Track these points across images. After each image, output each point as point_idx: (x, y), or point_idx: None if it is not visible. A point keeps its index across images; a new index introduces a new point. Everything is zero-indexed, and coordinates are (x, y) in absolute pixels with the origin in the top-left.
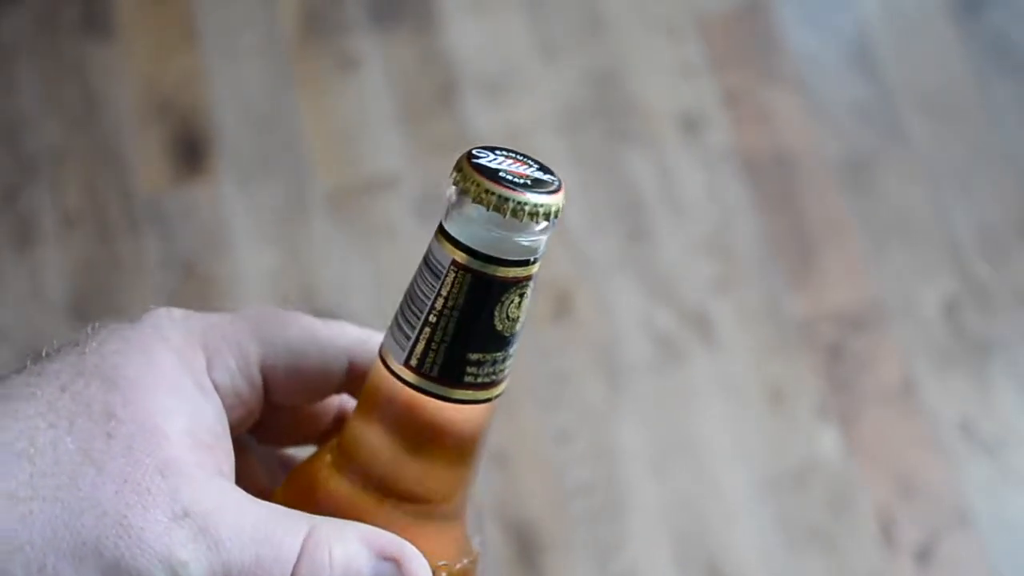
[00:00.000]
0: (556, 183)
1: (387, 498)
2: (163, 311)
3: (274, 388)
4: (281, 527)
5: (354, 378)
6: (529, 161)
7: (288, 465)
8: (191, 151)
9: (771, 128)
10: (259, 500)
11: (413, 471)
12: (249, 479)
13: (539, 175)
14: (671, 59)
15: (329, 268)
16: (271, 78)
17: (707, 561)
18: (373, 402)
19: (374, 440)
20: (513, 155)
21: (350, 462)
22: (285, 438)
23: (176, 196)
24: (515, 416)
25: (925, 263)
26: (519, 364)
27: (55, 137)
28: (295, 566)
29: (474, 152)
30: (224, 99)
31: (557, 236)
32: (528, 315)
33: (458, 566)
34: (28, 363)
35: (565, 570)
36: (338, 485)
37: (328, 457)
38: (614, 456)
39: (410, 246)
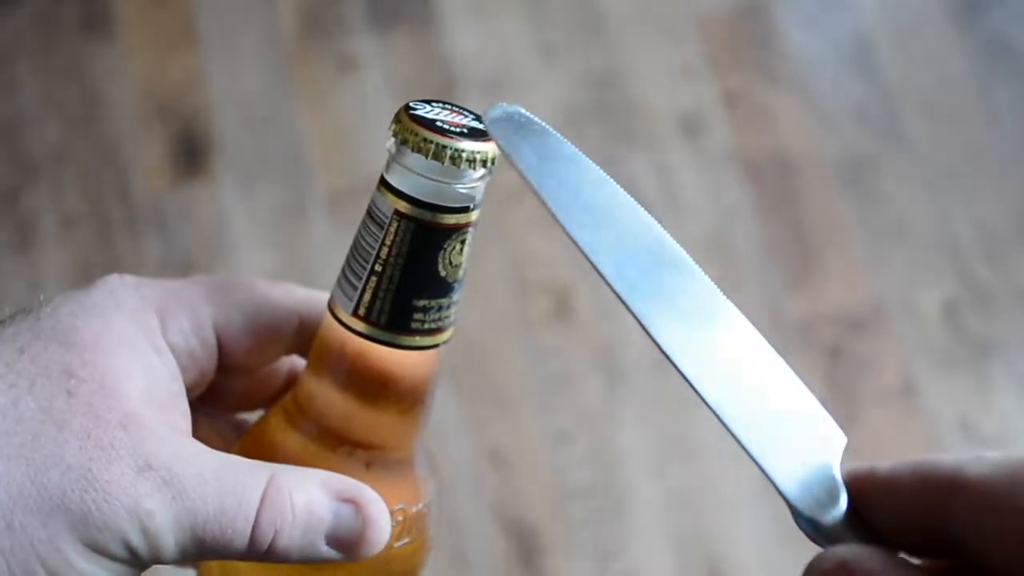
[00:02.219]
0: None
1: (341, 446)
2: (116, 277)
3: (227, 349)
4: (243, 476)
5: (305, 337)
6: (465, 112)
7: (241, 431)
8: (191, 152)
9: (771, 129)
10: (217, 452)
11: (365, 419)
12: (203, 443)
13: (475, 124)
14: (671, 60)
15: (328, 268)
16: (271, 79)
17: (707, 561)
18: (324, 354)
19: (326, 391)
20: (450, 107)
21: (304, 414)
22: (237, 403)
23: (176, 197)
24: (515, 417)
25: (925, 264)
26: (518, 364)
27: (55, 138)
28: (258, 513)
29: (411, 104)
30: (224, 100)
31: (557, 237)
32: (469, 261)
33: (414, 509)
34: None
35: (565, 571)
36: (293, 437)
37: (282, 412)
38: (614, 457)
39: None
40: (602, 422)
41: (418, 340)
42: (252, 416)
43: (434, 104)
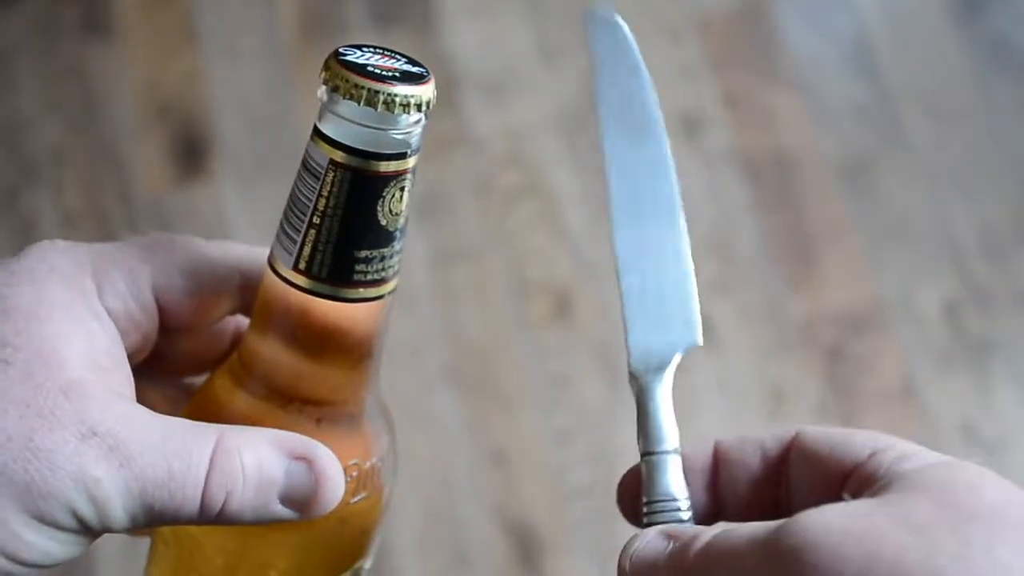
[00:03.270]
0: (425, 74)
1: (290, 403)
2: (47, 242)
3: (168, 311)
4: (190, 438)
5: (247, 295)
6: (396, 56)
7: (189, 395)
8: (191, 152)
9: (771, 129)
10: (162, 416)
11: (313, 374)
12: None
13: (408, 67)
14: (671, 60)
15: None
16: (271, 79)
17: None
18: (267, 311)
19: (272, 348)
20: (380, 51)
21: (250, 373)
22: (184, 366)
23: (176, 197)
24: (515, 417)
25: (925, 264)
26: (518, 364)
27: (55, 138)
28: (207, 476)
29: (341, 50)
30: (224, 100)
31: (557, 236)
32: (409, 210)
33: (368, 464)
34: None
35: (565, 571)
36: (241, 397)
37: (228, 373)
38: (614, 457)
39: (410, 245)
40: (602, 422)
41: (361, 292)
42: (200, 380)
43: (365, 49)
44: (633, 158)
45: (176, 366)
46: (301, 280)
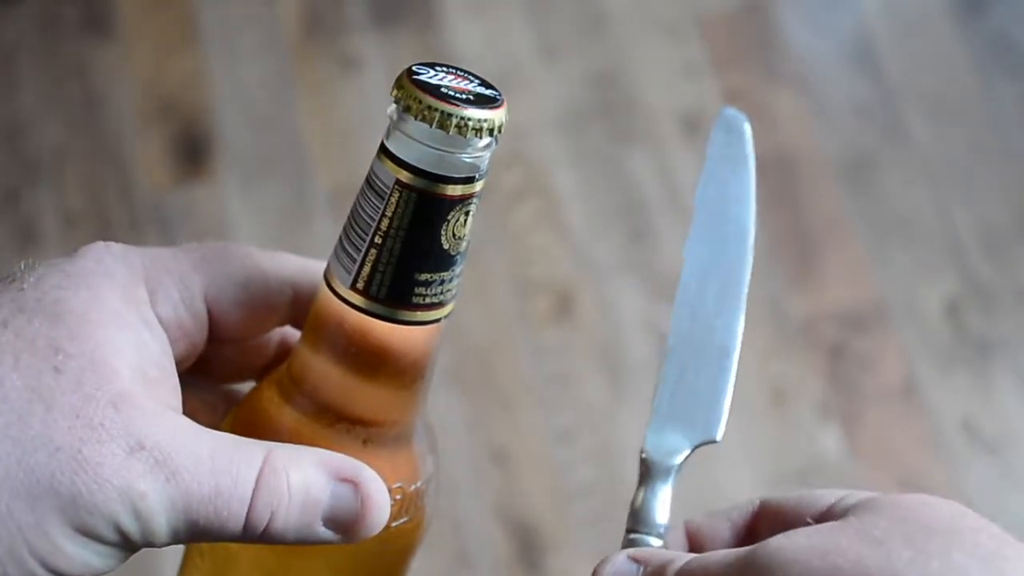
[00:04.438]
0: (498, 98)
1: (338, 423)
2: (101, 245)
3: (219, 321)
4: (238, 455)
5: (298, 308)
6: (470, 76)
7: (231, 401)
8: (192, 151)
9: (772, 128)
10: (213, 431)
11: (363, 395)
12: (191, 418)
13: (481, 90)
14: (672, 59)
15: None
16: (272, 78)
17: None
18: (320, 327)
19: (323, 365)
20: (454, 71)
21: (299, 389)
22: (226, 374)
23: (177, 196)
24: (516, 416)
25: (926, 263)
26: (519, 363)
27: (56, 138)
28: (254, 494)
29: (414, 68)
30: (225, 99)
31: (558, 236)
32: (472, 234)
33: (413, 487)
34: None
35: (566, 570)
36: (288, 413)
37: (276, 386)
38: (615, 456)
39: None
40: (603, 421)
41: (419, 315)
42: (241, 387)
43: (438, 68)
44: (712, 255)
45: (219, 373)
46: (358, 300)
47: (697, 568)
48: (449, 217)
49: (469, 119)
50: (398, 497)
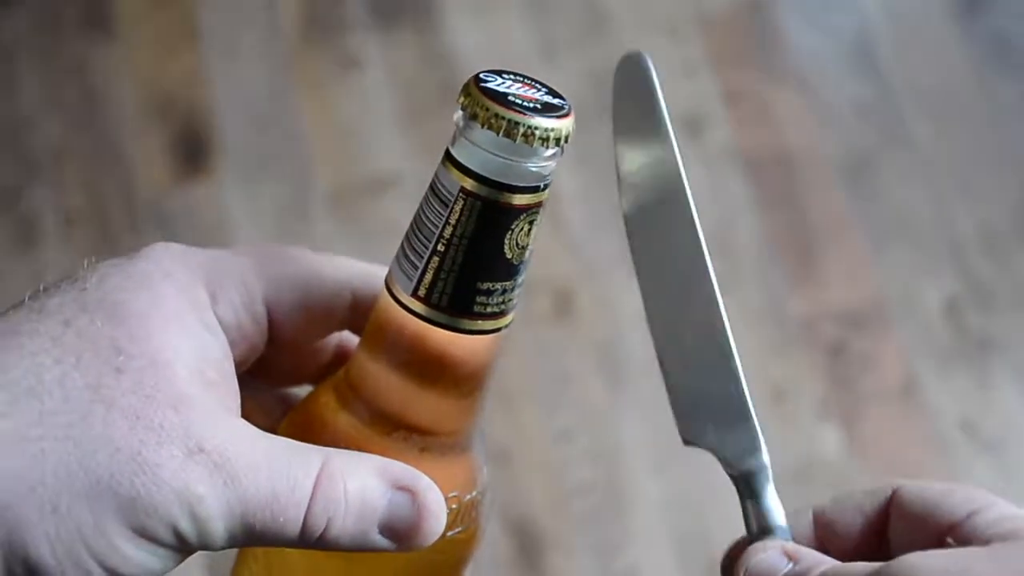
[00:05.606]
0: (565, 107)
1: (396, 430)
2: (162, 246)
3: (278, 324)
4: (296, 461)
5: (357, 313)
6: (537, 85)
7: (286, 404)
8: (192, 151)
9: (772, 127)
10: (271, 435)
11: (422, 403)
12: (247, 420)
13: (548, 99)
14: (672, 58)
15: None
16: (272, 78)
17: (708, 560)
18: (380, 334)
19: (382, 372)
20: (521, 79)
21: (357, 396)
22: (283, 377)
23: (177, 196)
24: (516, 415)
25: (926, 262)
26: (520, 362)
27: (56, 137)
28: (311, 500)
29: (481, 76)
30: (225, 99)
31: (558, 235)
32: (536, 243)
33: (468, 497)
34: (26, 299)
35: (566, 569)
36: (346, 419)
37: (333, 391)
38: (615, 455)
39: None
40: (603, 420)
41: (480, 324)
42: (297, 390)
43: (505, 75)
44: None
45: (276, 376)
46: (420, 308)
47: (840, 571)
48: (513, 226)
49: (536, 128)
50: (454, 506)
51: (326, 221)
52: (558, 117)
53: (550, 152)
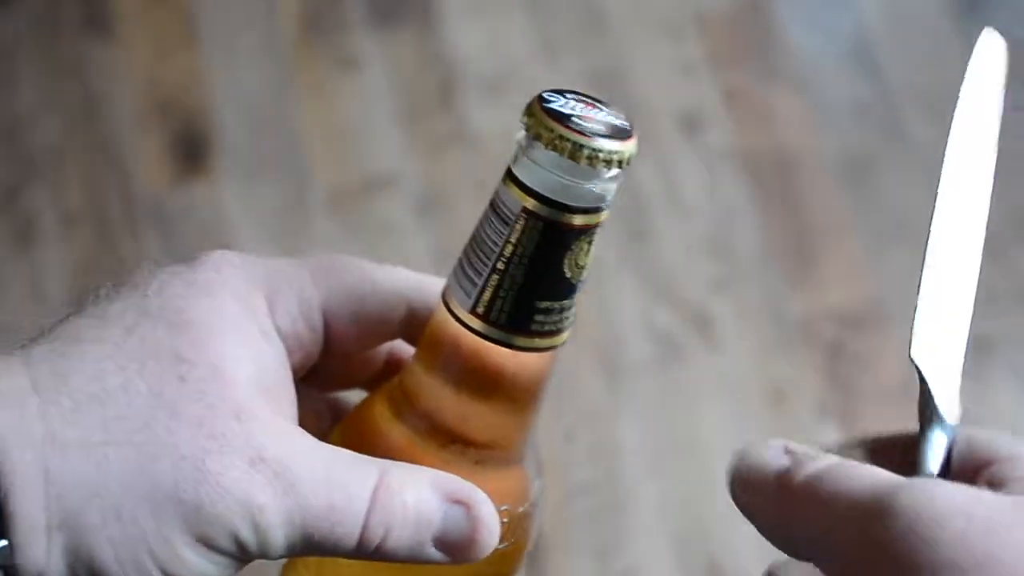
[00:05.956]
0: (628, 128)
1: (452, 443)
2: (219, 253)
3: (334, 333)
4: (354, 472)
5: (411, 323)
6: (599, 105)
7: (336, 410)
8: (191, 150)
9: (771, 127)
10: (330, 446)
11: (477, 417)
12: (299, 424)
13: (611, 119)
14: (671, 58)
15: None
16: (271, 78)
17: (707, 560)
18: (437, 348)
19: (437, 386)
20: (584, 99)
21: (412, 408)
22: (334, 383)
23: (176, 195)
24: None
25: None
26: None
27: (55, 136)
28: (368, 512)
29: (545, 96)
30: (224, 99)
31: None
32: (593, 262)
33: (520, 510)
34: (89, 304)
35: (565, 568)
36: (401, 430)
37: (388, 401)
38: (615, 455)
39: (410, 245)
40: (603, 421)
41: (537, 342)
42: (347, 395)
43: (567, 95)
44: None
45: (326, 382)
46: (477, 324)
47: (839, 480)
48: (573, 246)
49: (600, 150)
50: (505, 520)
51: (325, 220)
52: (621, 139)
53: (612, 174)
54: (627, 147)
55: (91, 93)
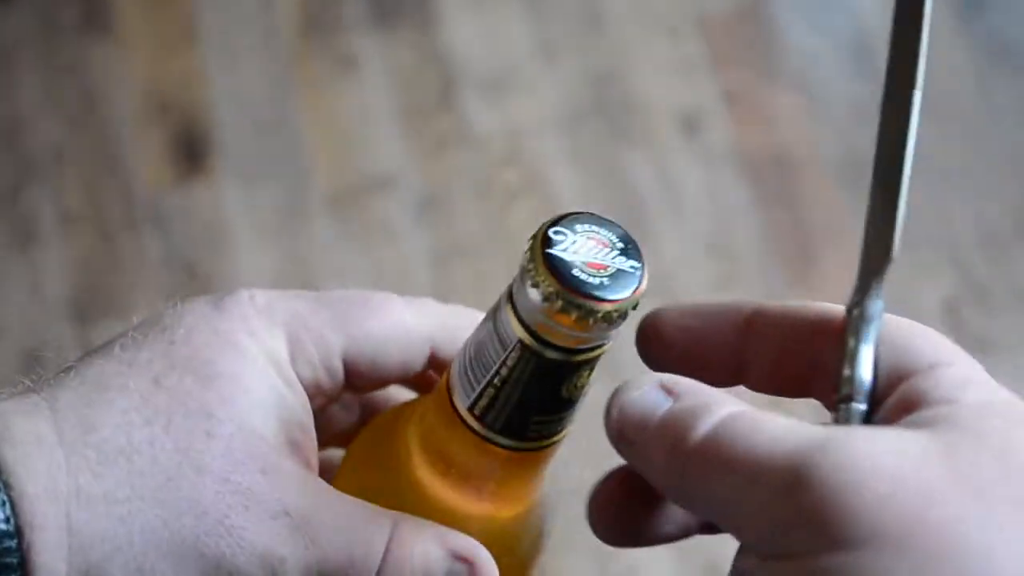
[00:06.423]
0: (638, 273)
1: (466, 490)
2: (245, 295)
3: (354, 378)
4: (370, 526)
5: (435, 363)
6: (612, 238)
7: (365, 403)
8: (191, 151)
9: (771, 127)
10: (346, 496)
11: (488, 484)
12: (329, 421)
13: (620, 263)
14: (671, 58)
15: (329, 267)
16: (271, 78)
17: (707, 560)
18: (446, 423)
19: (451, 451)
20: (595, 232)
21: (431, 457)
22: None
23: (176, 196)
24: None
25: (925, 263)
26: None
27: (55, 137)
28: (380, 566)
29: (551, 235)
30: (224, 99)
31: None
32: (594, 379)
33: (525, 558)
34: (116, 349)
35: (565, 570)
36: (422, 474)
37: (409, 436)
38: (614, 455)
39: (410, 245)
40: (602, 421)
41: (534, 444)
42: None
43: (578, 228)
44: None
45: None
46: (475, 424)
47: (732, 438)
48: (571, 376)
49: (598, 312)
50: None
51: (325, 221)
52: (627, 289)
53: (616, 325)
54: (632, 298)
55: (91, 93)
